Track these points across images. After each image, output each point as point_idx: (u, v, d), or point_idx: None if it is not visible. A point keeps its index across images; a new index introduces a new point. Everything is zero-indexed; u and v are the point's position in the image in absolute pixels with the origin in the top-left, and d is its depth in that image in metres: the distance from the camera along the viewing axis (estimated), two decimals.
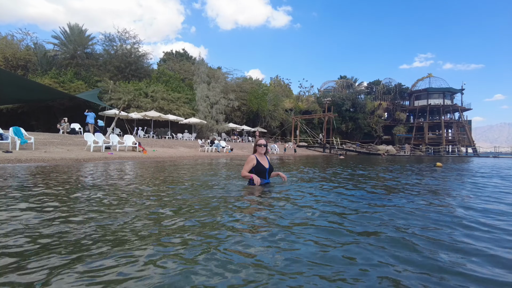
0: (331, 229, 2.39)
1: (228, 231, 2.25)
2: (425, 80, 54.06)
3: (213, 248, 1.88)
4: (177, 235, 2.16)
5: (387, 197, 4.18)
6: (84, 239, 2.07)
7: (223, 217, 2.69)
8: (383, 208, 3.30)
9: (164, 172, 7.51)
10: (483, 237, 2.32)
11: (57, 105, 26.42)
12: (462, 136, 49.69)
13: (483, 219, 2.92)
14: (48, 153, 11.12)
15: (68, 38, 30.84)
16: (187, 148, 21.16)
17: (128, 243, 1.98)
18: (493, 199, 4.25)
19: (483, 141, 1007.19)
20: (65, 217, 2.66)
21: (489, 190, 5.27)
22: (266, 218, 2.70)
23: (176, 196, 3.86)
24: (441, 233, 2.40)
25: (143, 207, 3.12)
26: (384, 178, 7.41)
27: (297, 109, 49.80)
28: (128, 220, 2.54)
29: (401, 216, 2.92)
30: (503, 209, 3.50)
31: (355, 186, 5.37)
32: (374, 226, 2.53)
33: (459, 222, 2.74)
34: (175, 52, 46.30)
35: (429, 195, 4.49)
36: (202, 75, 32.76)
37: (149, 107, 27.33)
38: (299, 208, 3.16)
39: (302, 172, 8.46)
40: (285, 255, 1.81)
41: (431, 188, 5.51)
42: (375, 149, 40.99)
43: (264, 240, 2.06)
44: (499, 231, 2.51)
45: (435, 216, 2.95)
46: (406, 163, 16.37)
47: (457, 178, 7.84)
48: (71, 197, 3.70)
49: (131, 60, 31.80)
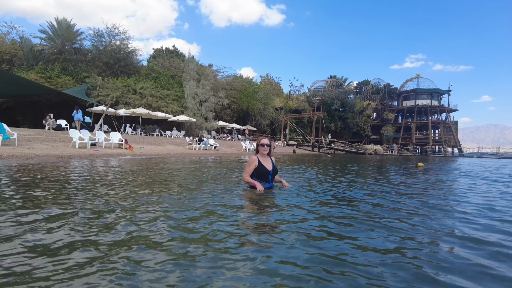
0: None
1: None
2: (414, 81, 54.96)
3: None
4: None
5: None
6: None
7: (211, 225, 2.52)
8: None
9: (143, 172, 7.60)
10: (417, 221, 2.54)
11: (43, 100, 26.06)
12: (449, 137, 50.75)
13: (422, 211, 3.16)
14: (31, 149, 11.08)
15: (55, 33, 30.37)
16: (174, 145, 21.19)
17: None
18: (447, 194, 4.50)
19: (470, 142, 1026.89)
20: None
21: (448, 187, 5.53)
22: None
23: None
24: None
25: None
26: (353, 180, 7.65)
27: (287, 108, 50.13)
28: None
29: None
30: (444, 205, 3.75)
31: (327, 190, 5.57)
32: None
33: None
34: (165, 49, 46.01)
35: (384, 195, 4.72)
36: (191, 72, 32.68)
37: (138, 104, 27.18)
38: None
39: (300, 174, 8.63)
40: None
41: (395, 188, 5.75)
42: (363, 149, 41.55)
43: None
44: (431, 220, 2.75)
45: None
46: (385, 163, 16.74)
47: (428, 178, 8.15)
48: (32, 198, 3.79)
49: (120, 56, 31.56)
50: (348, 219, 2.87)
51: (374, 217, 2.96)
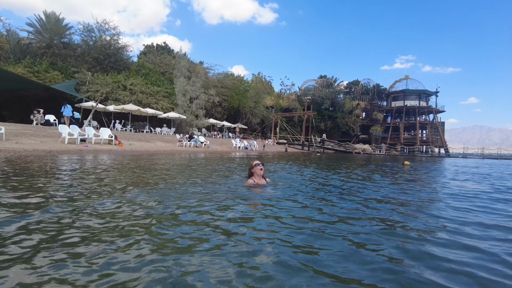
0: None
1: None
2: (403, 81, 55.73)
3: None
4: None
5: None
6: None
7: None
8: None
9: (133, 168, 7.68)
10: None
11: (31, 95, 25.62)
12: (436, 137, 51.72)
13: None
14: (19, 144, 11.02)
15: (43, 26, 29.83)
16: (164, 142, 21.18)
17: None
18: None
19: (457, 143, 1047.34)
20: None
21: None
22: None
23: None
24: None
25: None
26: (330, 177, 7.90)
27: (278, 107, 50.40)
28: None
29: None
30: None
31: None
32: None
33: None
34: (156, 45, 45.67)
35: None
36: (182, 69, 32.57)
37: (128, 100, 27.01)
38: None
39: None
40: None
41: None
42: (352, 148, 42.10)
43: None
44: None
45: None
46: (373, 162, 17.12)
47: (410, 174, 8.47)
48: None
49: (110, 52, 31.22)
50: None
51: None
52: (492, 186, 6.28)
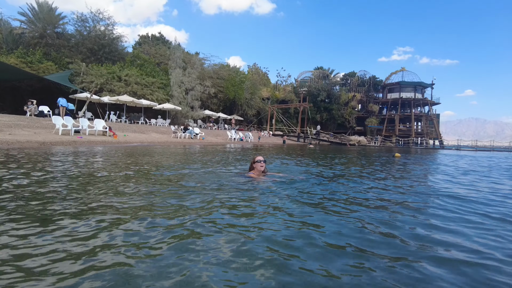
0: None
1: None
2: (398, 73, 55.77)
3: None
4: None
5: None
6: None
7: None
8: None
9: (127, 160, 7.78)
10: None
11: (24, 86, 25.44)
12: (430, 129, 52.09)
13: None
14: (13, 135, 11.06)
15: (36, 16, 29.40)
16: (159, 134, 21.24)
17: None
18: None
19: (452, 135, 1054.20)
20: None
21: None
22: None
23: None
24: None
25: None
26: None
27: (274, 98, 50.38)
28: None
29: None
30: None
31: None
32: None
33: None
34: (151, 35, 45.17)
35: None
36: (177, 60, 32.41)
37: (122, 91, 26.89)
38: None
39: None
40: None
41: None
42: (347, 140, 42.36)
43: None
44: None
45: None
46: (368, 153, 17.34)
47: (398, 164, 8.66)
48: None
49: (105, 42, 30.94)
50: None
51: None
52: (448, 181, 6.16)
